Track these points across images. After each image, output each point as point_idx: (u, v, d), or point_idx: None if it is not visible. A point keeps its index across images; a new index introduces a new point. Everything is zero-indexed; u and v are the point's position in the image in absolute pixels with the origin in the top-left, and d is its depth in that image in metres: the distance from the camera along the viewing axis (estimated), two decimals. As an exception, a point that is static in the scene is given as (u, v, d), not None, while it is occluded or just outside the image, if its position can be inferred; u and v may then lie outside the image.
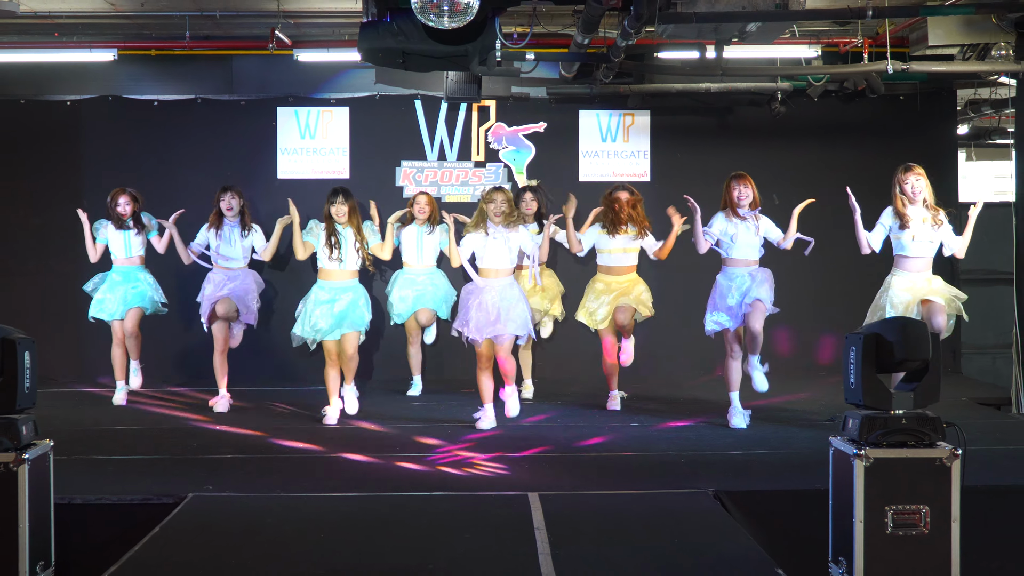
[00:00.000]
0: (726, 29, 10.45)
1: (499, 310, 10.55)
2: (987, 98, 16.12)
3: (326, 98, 14.14)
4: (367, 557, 6.80)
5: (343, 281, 11.14)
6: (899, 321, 7.03)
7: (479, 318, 10.55)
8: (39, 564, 6.70)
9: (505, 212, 10.57)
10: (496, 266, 10.66)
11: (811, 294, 13.55)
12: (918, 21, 12.42)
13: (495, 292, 10.58)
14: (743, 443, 10.08)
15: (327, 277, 11.15)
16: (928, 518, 6.60)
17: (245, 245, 11.79)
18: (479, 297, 10.60)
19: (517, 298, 10.65)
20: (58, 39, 13.53)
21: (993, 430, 10.63)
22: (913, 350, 6.73)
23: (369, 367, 13.53)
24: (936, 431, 6.73)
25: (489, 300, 10.56)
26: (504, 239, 10.60)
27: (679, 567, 6.62)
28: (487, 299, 10.57)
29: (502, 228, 10.60)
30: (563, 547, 6.90)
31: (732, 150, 14.24)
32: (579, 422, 11.17)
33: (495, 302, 10.55)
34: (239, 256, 11.75)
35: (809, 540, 7.41)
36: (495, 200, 10.57)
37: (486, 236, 10.61)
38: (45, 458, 6.91)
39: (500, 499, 8.10)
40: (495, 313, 10.54)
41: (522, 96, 13.99)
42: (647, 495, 8.21)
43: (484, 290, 10.61)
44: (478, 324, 10.55)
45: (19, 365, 6.68)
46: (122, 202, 11.99)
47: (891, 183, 10.32)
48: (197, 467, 9.19)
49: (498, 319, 10.54)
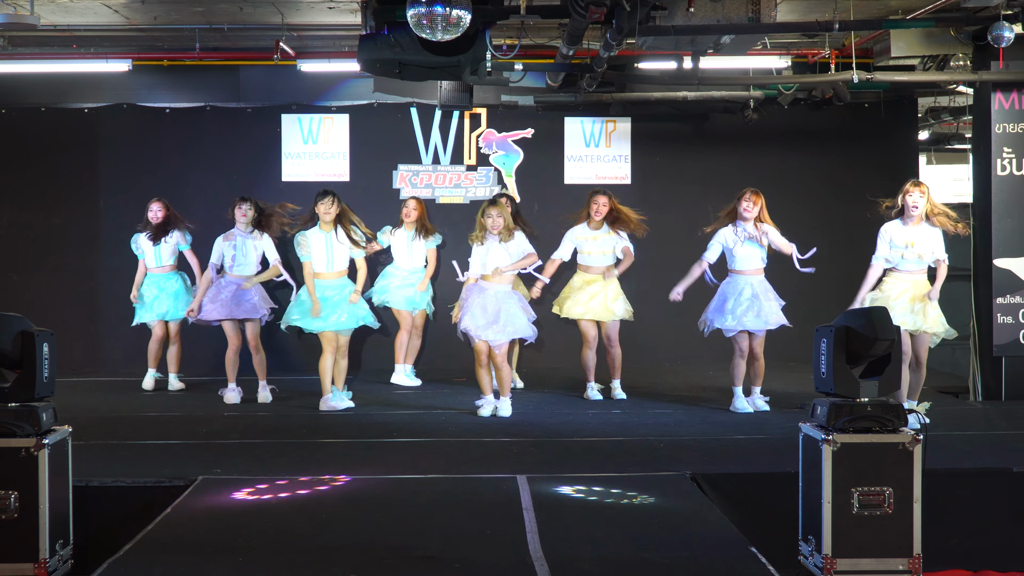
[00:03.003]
0: (702, 41, 10.47)
1: (498, 313, 10.61)
2: (946, 106, 16.16)
3: (327, 106, 14.11)
4: (366, 536, 6.79)
5: (333, 280, 11.22)
6: (863, 310, 7.05)
7: (480, 317, 10.61)
8: (58, 542, 6.69)
9: (501, 226, 10.67)
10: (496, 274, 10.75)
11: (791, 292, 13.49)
12: (882, 34, 12.42)
13: (495, 298, 10.66)
14: (719, 429, 10.08)
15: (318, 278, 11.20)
16: (892, 499, 6.60)
17: (257, 255, 11.70)
18: (482, 298, 10.66)
19: (516, 305, 10.74)
20: (76, 50, 13.53)
21: (952, 417, 10.65)
22: (883, 330, 6.76)
23: (358, 358, 13.46)
24: (899, 418, 6.74)
25: (491, 303, 10.63)
26: (504, 248, 10.69)
27: (658, 545, 6.61)
28: (489, 302, 10.64)
29: (497, 239, 10.69)
30: (550, 526, 6.90)
31: (707, 154, 14.27)
32: (564, 408, 11.17)
33: (495, 306, 10.63)
34: (252, 267, 11.68)
35: (780, 520, 7.42)
36: (491, 215, 10.67)
37: (487, 247, 10.71)
38: (64, 443, 6.90)
39: (491, 481, 8.09)
40: (494, 316, 10.61)
41: (511, 104, 13.98)
42: (628, 477, 8.20)
43: (486, 292, 10.68)
44: (478, 323, 10.60)
45: (38, 356, 6.68)
46: (154, 209, 12.10)
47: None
48: (206, 451, 9.17)
49: (496, 321, 10.60)
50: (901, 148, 14.47)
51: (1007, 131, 11.76)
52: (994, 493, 8.03)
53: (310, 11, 12.25)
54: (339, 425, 10.32)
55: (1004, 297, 11.72)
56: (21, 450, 6.55)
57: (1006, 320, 11.70)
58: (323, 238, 11.15)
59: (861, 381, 6.80)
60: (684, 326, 12.37)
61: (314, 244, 11.12)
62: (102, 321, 13.24)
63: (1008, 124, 11.76)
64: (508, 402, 10.83)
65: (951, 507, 7.77)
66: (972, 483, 8.04)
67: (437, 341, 13.53)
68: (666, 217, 13.35)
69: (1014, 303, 11.71)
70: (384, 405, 11.42)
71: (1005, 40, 10.44)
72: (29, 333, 6.69)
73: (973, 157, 12.30)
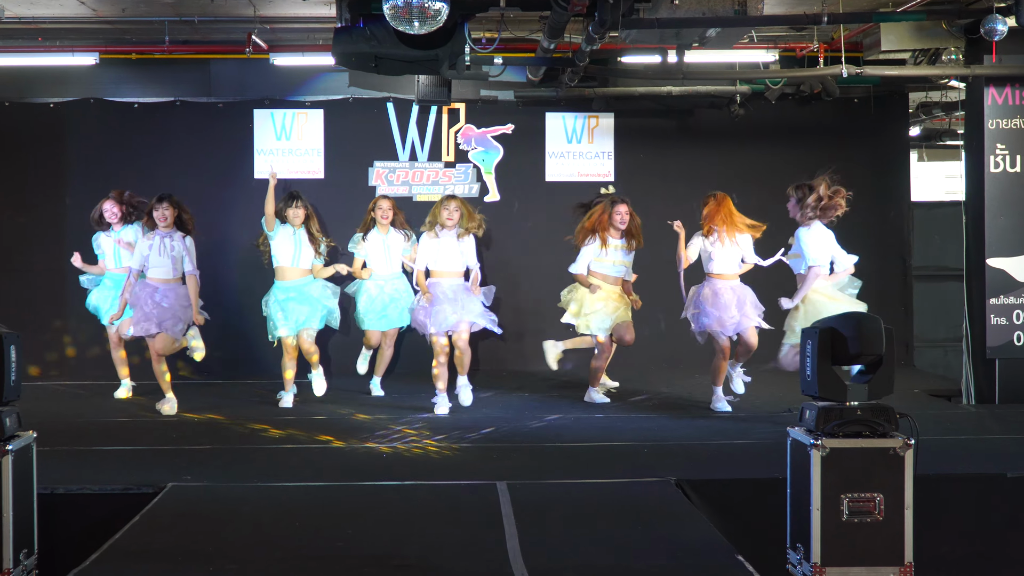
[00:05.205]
0: (687, 34, 10.46)
1: (455, 304, 11.02)
2: (938, 101, 16.19)
3: (301, 100, 14.08)
4: (342, 544, 6.78)
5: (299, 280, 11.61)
6: (854, 317, 7.03)
7: (438, 315, 10.96)
8: (23, 552, 6.64)
9: (457, 219, 11.15)
10: (448, 268, 11.24)
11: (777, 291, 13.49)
12: (871, 27, 12.45)
13: (448, 289, 11.10)
14: (704, 433, 10.09)
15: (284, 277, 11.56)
16: (882, 505, 6.60)
17: (175, 256, 11.15)
18: (433, 296, 11.07)
19: (469, 292, 11.17)
20: (41, 43, 13.43)
21: (944, 421, 10.68)
22: (868, 344, 6.74)
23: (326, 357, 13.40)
24: (890, 422, 6.73)
25: (443, 297, 11.04)
26: (455, 244, 11.15)
27: (642, 553, 6.62)
28: (441, 297, 11.05)
29: (453, 234, 11.14)
30: (530, 534, 6.90)
31: (693, 151, 14.28)
32: (545, 413, 11.17)
33: (450, 298, 11.04)
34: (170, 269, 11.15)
35: (768, 527, 7.42)
36: (448, 207, 11.17)
37: (439, 240, 11.14)
38: (28, 449, 6.85)
39: (469, 488, 8.09)
40: (451, 307, 10.99)
41: (490, 99, 13.97)
42: (611, 483, 8.21)
43: (436, 288, 11.10)
44: (438, 321, 10.96)
45: (5, 359, 6.62)
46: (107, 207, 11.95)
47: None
48: (176, 457, 9.14)
49: (455, 312, 11.00)
50: (892, 144, 14.53)
51: (1000, 127, 11.79)
52: (988, 499, 8.05)
53: (283, 3, 12.22)
54: (313, 430, 10.29)
55: (998, 298, 11.75)
56: (-17, 457, 6.51)
57: (1000, 321, 11.73)
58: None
59: (849, 384, 6.80)
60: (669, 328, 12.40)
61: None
62: (70, 323, 13.19)
63: (1001, 120, 11.79)
64: (468, 385, 11.32)
65: (943, 513, 7.79)
66: (965, 489, 8.07)
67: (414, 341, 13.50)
68: (650, 215, 13.33)
69: (1008, 304, 11.74)
70: (359, 407, 11.42)
71: (998, 33, 10.47)
72: (-6, 335, 6.65)
73: (965, 154, 12.33)
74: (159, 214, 11.09)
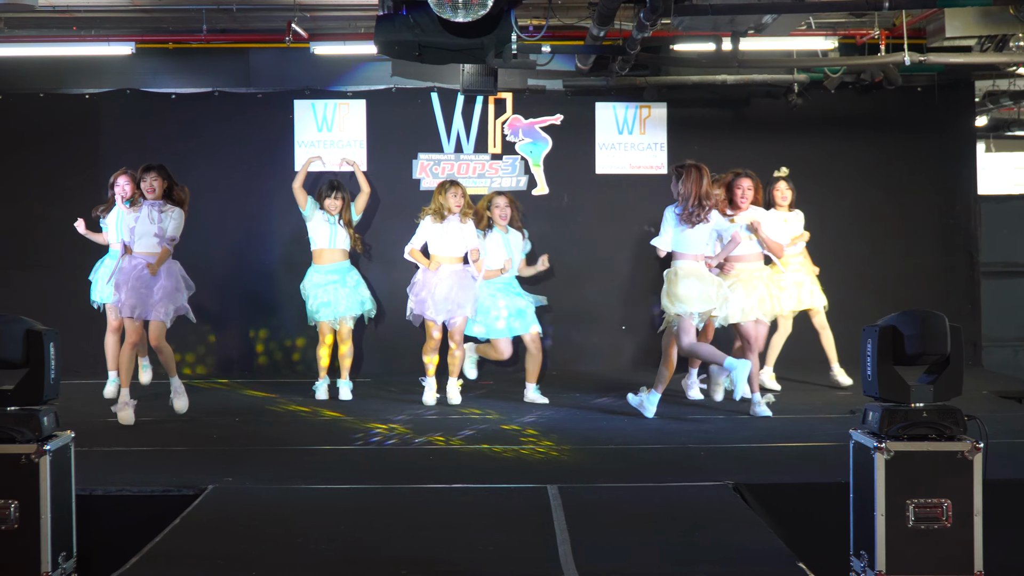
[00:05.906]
0: (742, 21, 10.45)
1: (455, 293, 11.43)
2: (1006, 90, 16.07)
3: (343, 91, 14.13)
4: (387, 549, 6.80)
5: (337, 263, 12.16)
6: (918, 314, 6.97)
7: (437, 300, 11.39)
8: (61, 554, 6.70)
9: (463, 204, 11.60)
10: (451, 254, 11.61)
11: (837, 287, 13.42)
12: (935, 12, 12.37)
13: (450, 277, 11.48)
14: (762, 436, 10.06)
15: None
16: (950, 512, 6.56)
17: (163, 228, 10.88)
18: (435, 280, 11.46)
19: (470, 284, 11.51)
20: (76, 33, 13.53)
21: (1015, 423, 10.56)
22: (931, 344, 6.70)
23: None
24: (957, 424, 6.68)
25: (445, 284, 11.43)
26: (458, 228, 11.56)
27: (699, 560, 6.61)
28: (443, 283, 11.44)
29: (456, 219, 11.56)
30: (582, 539, 6.89)
31: (749, 142, 14.19)
32: (597, 415, 11.17)
33: (451, 285, 11.44)
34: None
35: (830, 533, 7.36)
36: (456, 193, 11.64)
37: (443, 225, 11.56)
38: (66, 449, 6.90)
39: (518, 491, 8.10)
40: (451, 296, 11.41)
41: (538, 88, 13.96)
42: (667, 487, 8.20)
43: (438, 274, 11.48)
44: (436, 306, 11.38)
45: (45, 357, 6.67)
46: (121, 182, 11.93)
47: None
48: (217, 459, 9.20)
49: (453, 301, 11.40)
50: (957, 135, 14.41)
51: (1071, 116, 11.70)
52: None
53: (324, -10, 12.29)
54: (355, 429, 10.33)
55: (1069, 294, 11.65)
56: (21, 457, 6.54)
57: (1072, 319, 11.62)
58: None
59: (913, 385, 6.76)
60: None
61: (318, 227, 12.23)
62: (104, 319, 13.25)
63: (1073, 109, 11.69)
64: (457, 388, 11.61)
65: (1015, 521, 7.72)
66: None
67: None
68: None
69: (1079, 301, 11.64)
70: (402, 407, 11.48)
71: (1069, 19, 10.40)
72: (36, 332, 6.67)
73: (1035, 144, 12.24)
74: (146, 185, 10.86)
